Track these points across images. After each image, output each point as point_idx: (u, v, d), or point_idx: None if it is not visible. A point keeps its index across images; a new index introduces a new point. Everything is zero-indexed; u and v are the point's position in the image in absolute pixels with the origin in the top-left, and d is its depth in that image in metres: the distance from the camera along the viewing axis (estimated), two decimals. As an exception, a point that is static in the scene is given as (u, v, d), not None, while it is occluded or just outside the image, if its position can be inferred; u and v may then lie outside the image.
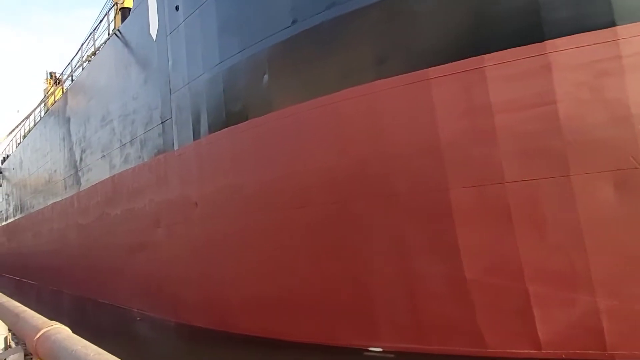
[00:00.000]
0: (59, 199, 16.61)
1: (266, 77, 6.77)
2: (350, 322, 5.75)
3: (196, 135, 8.27)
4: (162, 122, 9.43)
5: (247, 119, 7.08)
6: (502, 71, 4.74)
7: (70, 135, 15.36)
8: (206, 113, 8.03)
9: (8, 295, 5.83)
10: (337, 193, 5.75)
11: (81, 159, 14.33)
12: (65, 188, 15.84)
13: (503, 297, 4.75)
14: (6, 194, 27.17)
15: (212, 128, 7.82)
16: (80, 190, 14.24)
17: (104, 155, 12.43)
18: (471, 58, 4.88)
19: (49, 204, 18.02)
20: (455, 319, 4.98)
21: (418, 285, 5.21)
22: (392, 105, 5.39)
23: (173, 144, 9.03)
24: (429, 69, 5.09)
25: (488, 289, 4.78)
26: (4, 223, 27.70)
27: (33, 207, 20.59)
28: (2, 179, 28.66)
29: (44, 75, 34.38)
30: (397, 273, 5.37)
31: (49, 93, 23.43)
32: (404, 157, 5.27)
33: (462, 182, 4.95)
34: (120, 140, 11.40)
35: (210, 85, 7.91)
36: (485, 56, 4.79)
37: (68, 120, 15.66)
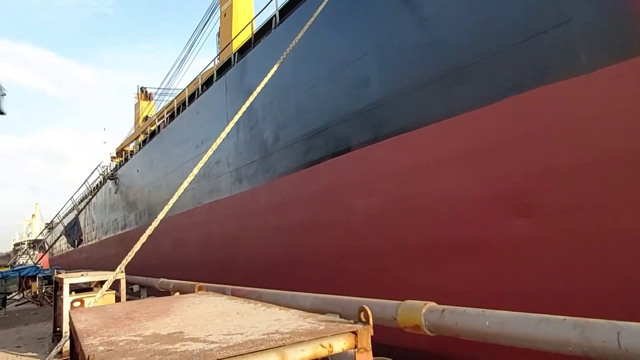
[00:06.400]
0: (224, 195, 13.13)
1: None
2: None
3: None
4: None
5: None
6: None
7: (253, 111, 11.84)
8: None
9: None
10: None
11: (276, 139, 10.68)
12: (240, 181, 12.29)
13: None
14: (125, 201, 24.69)
15: None
16: (275, 178, 10.55)
17: (338, 123, 8.63)
18: None
19: (202, 204, 14.66)
20: None
21: None
22: None
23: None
24: None
25: None
26: (119, 232, 25.19)
27: (172, 211, 17.39)
28: (117, 184, 26.46)
29: (134, 91, 37.88)
30: None
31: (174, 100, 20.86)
32: None
33: None
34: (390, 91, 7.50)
35: None
36: None
37: (248, 91, 12.17)
